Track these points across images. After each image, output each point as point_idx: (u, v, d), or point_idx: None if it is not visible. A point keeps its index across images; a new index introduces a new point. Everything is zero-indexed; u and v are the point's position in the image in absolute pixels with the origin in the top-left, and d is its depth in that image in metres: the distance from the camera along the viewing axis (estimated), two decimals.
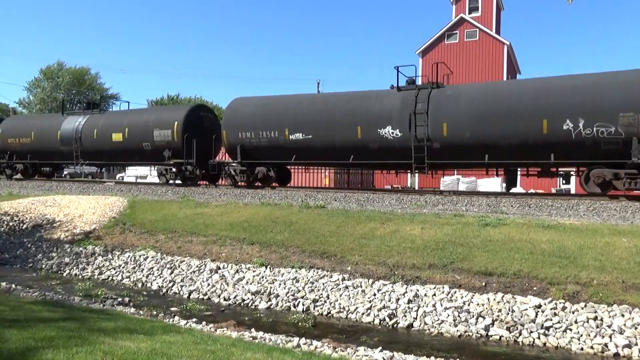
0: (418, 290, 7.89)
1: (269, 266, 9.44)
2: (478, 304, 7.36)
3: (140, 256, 10.81)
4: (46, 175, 25.45)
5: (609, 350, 6.19)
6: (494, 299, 7.39)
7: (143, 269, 10.29)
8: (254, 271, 9.37)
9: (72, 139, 21.53)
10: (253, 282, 9.04)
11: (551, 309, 6.96)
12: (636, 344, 6.17)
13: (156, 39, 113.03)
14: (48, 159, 23.32)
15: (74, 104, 57.43)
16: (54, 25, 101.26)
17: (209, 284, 9.26)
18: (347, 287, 8.37)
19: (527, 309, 7.04)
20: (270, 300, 8.46)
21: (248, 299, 8.59)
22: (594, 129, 12.34)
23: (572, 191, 25.13)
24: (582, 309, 6.87)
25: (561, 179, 26.87)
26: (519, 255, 8.20)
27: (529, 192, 21.29)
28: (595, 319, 6.65)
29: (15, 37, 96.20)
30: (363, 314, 7.67)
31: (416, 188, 26.24)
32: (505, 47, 31.44)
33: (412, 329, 7.22)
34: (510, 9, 59.26)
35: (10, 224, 13.67)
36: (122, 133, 20.26)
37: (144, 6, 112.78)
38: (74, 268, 10.82)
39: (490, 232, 9.18)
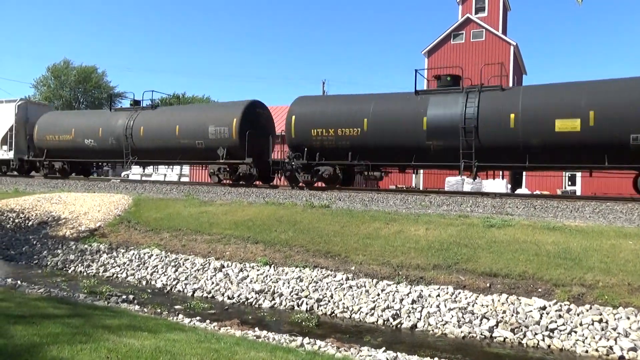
0: (422, 291, 7.88)
1: (273, 265, 9.45)
2: (482, 305, 7.33)
3: (144, 254, 10.85)
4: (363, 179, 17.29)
5: (614, 353, 6.14)
6: (499, 300, 7.36)
7: (147, 267, 10.33)
8: (257, 270, 9.37)
9: (457, 130, 13.95)
10: (257, 281, 9.05)
11: (556, 311, 6.93)
12: None
13: (162, 38, 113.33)
14: (398, 159, 15.50)
15: (79, 103, 57.75)
16: (59, 24, 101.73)
17: (213, 283, 9.27)
18: (351, 286, 8.36)
19: (531, 311, 7.01)
20: (274, 299, 8.46)
21: (252, 297, 8.60)
22: None
23: (578, 193, 25.03)
24: (587, 311, 6.82)
25: (567, 180, 26.79)
26: (524, 257, 8.17)
27: (535, 193, 21.21)
28: (600, 321, 6.61)
29: (21, 36, 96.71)
30: (367, 314, 7.66)
31: (421, 188, 26.19)
32: (512, 48, 31.32)
33: (416, 329, 7.20)
34: (517, 9, 59.10)
35: (16, 220, 13.75)
36: (582, 118, 12.53)
37: (150, 5, 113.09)
38: (79, 265, 10.87)
39: (495, 233, 9.15)
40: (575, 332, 6.55)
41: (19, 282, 8.96)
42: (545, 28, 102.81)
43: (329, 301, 8.15)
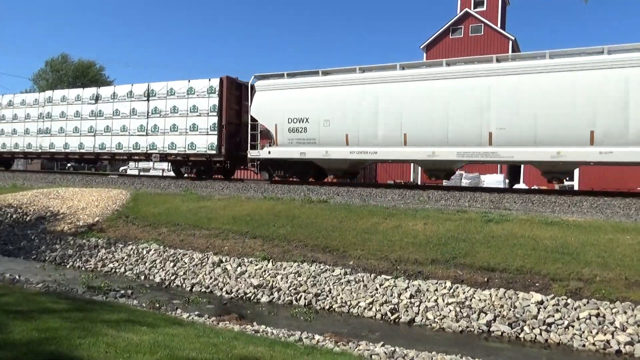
0: (420, 286, 7.90)
1: (271, 260, 9.45)
2: (480, 300, 7.35)
3: (143, 249, 10.85)
4: None
5: (611, 347, 6.18)
6: (496, 295, 7.39)
7: (146, 262, 10.33)
8: (256, 265, 9.39)
9: None
10: (255, 275, 9.06)
11: (553, 305, 6.95)
12: (639, 341, 6.16)
13: (160, 33, 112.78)
14: None
15: None
16: (58, 19, 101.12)
17: (211, 277, 9.29)
18: (349, 281, 8.38)
19: (529, 305, 7.04)
20: (272, 294, 8.48)
21: (250, 292, 8.62)
22: None
23: (576, 187, 25.06)
24: (585, 305, 6.85)
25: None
26: (522, 251, 8.19)
27: (533, 188, 21.23)
28: (597, 315, 6.64)
29: (19, 31, 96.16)
30: (365, 308, 7.69)
31: (419, 183, 26.21)
32: (510, 42, 31.29)
33: (414, 324, 7.23)
34: (516, 3, 59.01)
35: (14, 216, 13.73)
36: None
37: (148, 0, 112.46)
38: (77, 260, 10.87)
39: (493, 228, 9.17)
40: (573, 326, 6.58)
41: (17, 277, 8.95)
42: (544, 22, 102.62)
43: (327, 296, 8.17)
